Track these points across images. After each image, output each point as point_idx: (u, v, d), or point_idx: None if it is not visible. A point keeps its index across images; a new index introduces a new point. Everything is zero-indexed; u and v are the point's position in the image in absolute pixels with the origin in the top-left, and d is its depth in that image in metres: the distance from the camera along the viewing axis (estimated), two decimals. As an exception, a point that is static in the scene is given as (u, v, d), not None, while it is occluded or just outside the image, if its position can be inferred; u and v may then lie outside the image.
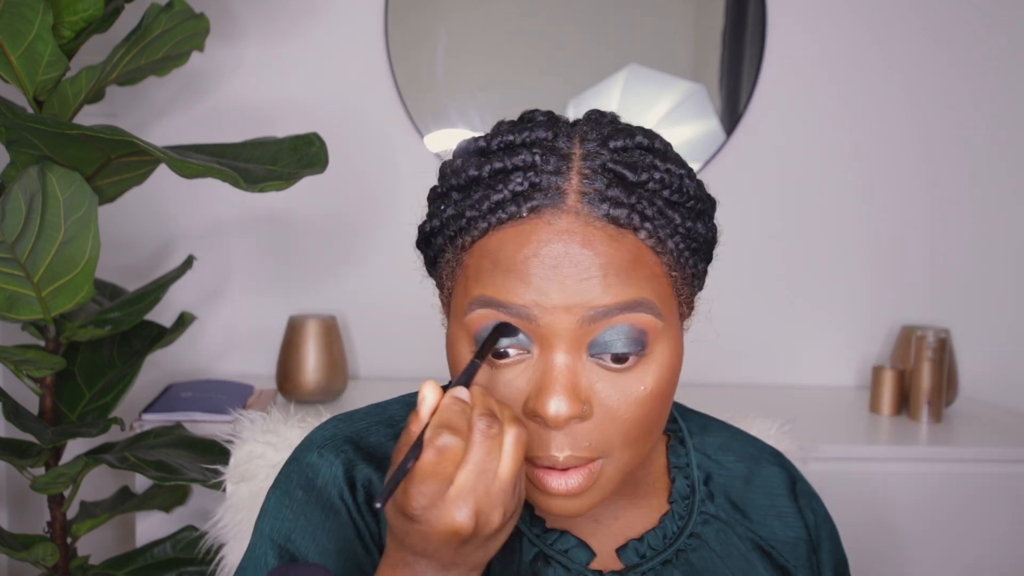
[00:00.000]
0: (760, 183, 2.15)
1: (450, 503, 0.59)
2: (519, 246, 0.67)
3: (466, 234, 0.70)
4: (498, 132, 0.73)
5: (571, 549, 0.77)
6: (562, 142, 0.70)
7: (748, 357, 2.18)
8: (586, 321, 0.66)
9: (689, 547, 0.79)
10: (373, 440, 0.78)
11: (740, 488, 0.85)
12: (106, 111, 1.93)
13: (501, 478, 0.60)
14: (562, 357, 0.67)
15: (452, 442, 0.59)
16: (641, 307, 0.67)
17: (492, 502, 0.60)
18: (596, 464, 0.68)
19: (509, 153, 0.70)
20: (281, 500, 0.75)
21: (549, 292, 0.66)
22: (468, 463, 0.59)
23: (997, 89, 2.18)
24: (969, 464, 1.76)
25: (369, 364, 2.11)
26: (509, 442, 0.60)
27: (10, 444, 1.49)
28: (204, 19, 1.49)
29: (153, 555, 1.61)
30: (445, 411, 0.60)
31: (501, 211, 0.68)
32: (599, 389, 0.68)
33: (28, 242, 1.29)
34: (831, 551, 0.88)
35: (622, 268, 0.67)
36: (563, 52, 2.10)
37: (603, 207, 0.68)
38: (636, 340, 0.67)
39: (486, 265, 0.68)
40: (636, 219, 0.68)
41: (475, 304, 0.68)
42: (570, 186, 0.68)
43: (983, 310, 2.21)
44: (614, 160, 0.69)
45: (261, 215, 2.06)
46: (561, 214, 0.67)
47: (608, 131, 0.72)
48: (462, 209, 0.70)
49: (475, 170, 0.70)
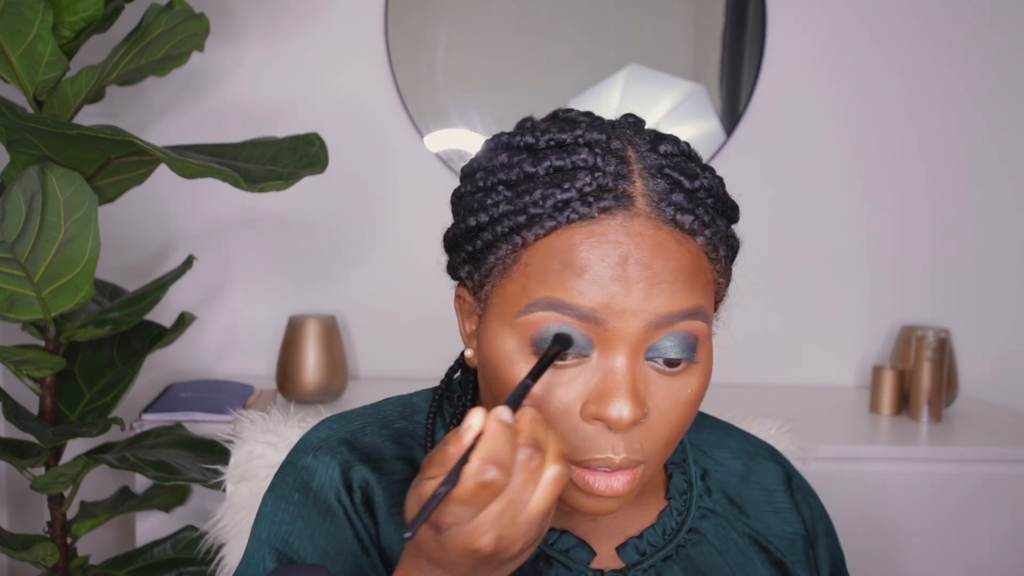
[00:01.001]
0: (760, 183, 2.15)
1: (476, 526, 0.58)
2: (591, 246, 0.66)
3: (527, 230, 0.68)
4: (543, 130, 0.71)
5: (572, 549, 0.77)
6: (615, 143, 0.70)
7: (748, 357, 2.18)
8: (651, 327, 0.66)
9: (688, 542, 0.80)
10: (368, 441, 0.77)
11: (737, 484, 0.86)
12: (106, 111, 1.93)
13: (531, 511, 0.59)
14: (623, 361, 0.67)
15: (497, 477, 0.57)
16: (699, 315, 0.68)
17: (516, 532, 0.59)
18: (640, 468, 0.69)
19: (567, 152, 0.69)
20: (277, 504, 0.75)
21: (619, 296, 0.66)
22: (503, 494, 0.58)
23: (997, 89, 2.18)
24: (969, 464, 1.76)
25: (369, 364, 2.11)
26: (548, 478, 0.59)
27: (10, 444, 1.49)
28: (204, 19, 1.49)
29: (153, 555, 1.61)
30: (495, 442, 0.57)
31: (571, 210, 0.67)
32: (653, 392, 0.68)
33: (28, 242, 1.29)
34: (827, 546, 0.88)
35: (689, 275, 0.68)
36: (563, 52, 2.10)
37: (669, 211, 0.68)
38: (690, 346, 0.68)
39: (553, 265, 0.67)
40: (697, 224, 0.69)
41: (536, 306, 0.67)
42: (635, 189, 0.68)
43: (983, 310, 2.21)
44: (670, 166, 0.69)
45: (261, 215, 2.06)
46: (633, 216, 0.67)
47: (652, 136, 0.72)
48: (521, 205, 0.68)
49: (530, 166, 0.69)
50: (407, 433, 0.80)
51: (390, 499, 0.75)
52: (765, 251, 2.16)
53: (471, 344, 0.76)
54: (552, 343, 0.66)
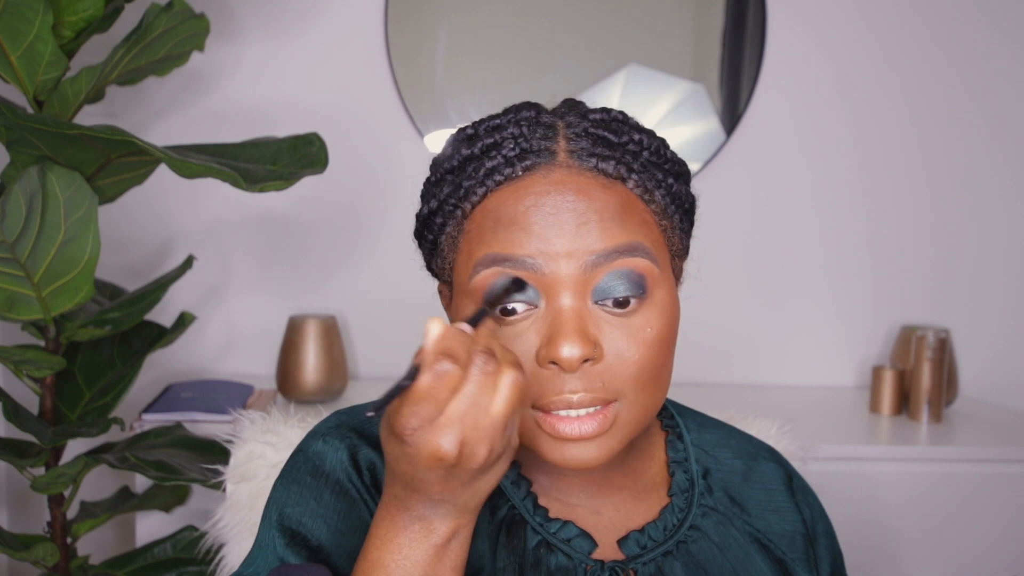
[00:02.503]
0: (760, 183, 2.15)
1: (438, 428, 0.60)
2: (518, 200, 0.71)
3: (465, 202, 0.74)
4: (482, 120, 0.77)
5: (573, 539, 0.78)
6: (545, 117, 0.76)
7: (748, 357, 2.18)
8: (588, 267, 0.70)
9: (689, 539, 0.81)
10: (376, 431, 0.79)
11: (738, 484, 0.86)
12: (106, 111, 1.93)
13: (492, 415, 0.61)
14: (568, 301, 0.70)
15: (450, 368, 0.59)
16: (638, 252, 0.71)
17: (479, 436, 0.60)
18: (611, 408, 0.71)
19: (498, 130, 0.75)
20: (288, 487, 0.77)
21: (551, 239, 0.70)
22: (461, 393, 0.60)
23: (997, 89, 2.18)
24: (969, 464, 1.76)
25: (369, 364, 2.12)
26: (505, 383, 0.61)
27: (10, 444, 1.49)
28: (204, 19, 1.49)
29: (153, 555, 1.61)
30: (447, 339, 0.61)
31: (497, 174, 0.73)
32: (607, 332, 0.70)
33: (28, 242, 1.29)
34: (827, 546, 0.89)
35: (616, 213, 0.71)
36: (563, 52, 2.10)
37: (591, 160, 0.73)
38: (636, 283, 0.71)
39: (488, 224, 0.72)
40: (623, 169, 0.73)
41: (480, 264, 0.71)
42: (559, 147, 0.74)
43: (983, 310, 2.21)
44: (595, 125, 0.75)
45: (261, 215, 2.06)
46: (554, 168, 0.73)
47: (585, 108, 0.78)
48: (458, 182, 0.75)
49: (466, 150, 0.75)
50: None
51: None
52: (765, 251, 2.16)
53: None
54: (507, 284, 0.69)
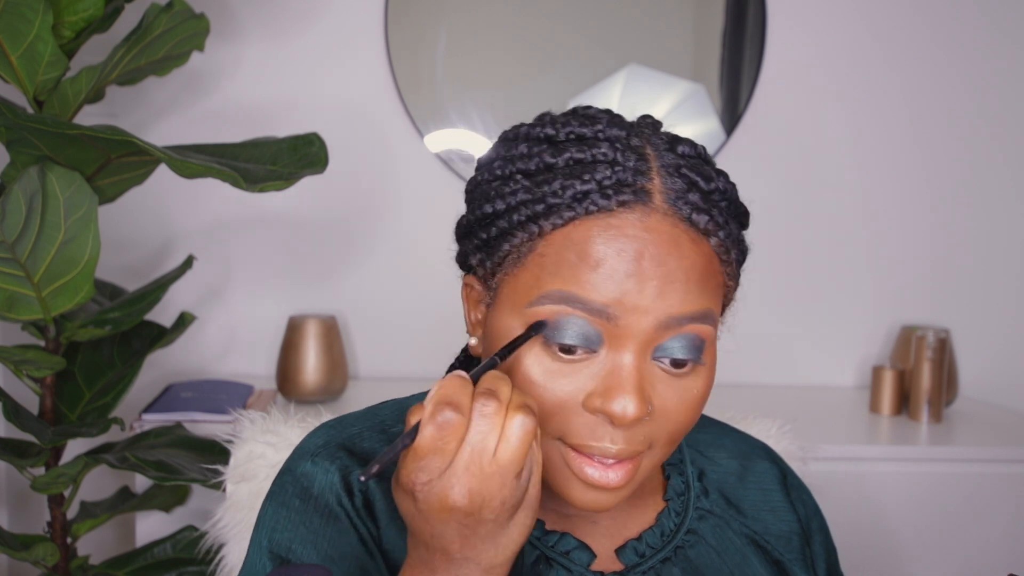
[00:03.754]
0: (760, 183, 2.15)
1: (445, 479, 0.59)
2: (608, 240, 0.66)
3: (544, 219, 0.68)
4: (563, 123, 0.72)
5: (572, 551, 0.76)
6: (635, 141, 0.70)
7: (748, 357, 2.18)
8: (660, 327, 0.66)
9: (687, 543, 0.80)
10: (366, 446, 0.77)
11: (734, 484, 0.86)
12: (106, 111, 1.93)
13: (499, 461, 0.59)
14: (631, 358, 0.67)
15: (452, 417, 0.58)
16: (708, 318, 0.68)
17: (489, 485, 0.59)
18: (638, 460, 0.69)
19: (587, 145, 0.69)
20: (278, 511, 0.74)
21: (633, 293, 0.66)
22: (465, 441, 0.59)
23: (997, 89, 2.18)
24: (969, 464, 1.76)
25: (369, 364, 2.12)
26: (513, 428, 0.59)
27: (10, 444, 1.49)
28: (204, 19, 1.49)
29: (153, 555, 1.61)
30: (445, 387, 0.60)
31: (590, 201, 0.67)
32: (659, 390, 0.68)
33: (28, 242, 1.29)
34: (822, 542, 0.89)
35: (700, 276, 0.68)
36: (563, 52, 2.10)
37: (686, 210, 0.68)
38: (697, 348, 0.68)
39: (570, 257, 0.67)
40: (712, 225, 0.69)
41: (547, 298, 0.67)
42: (654, 186, 0.68)
43: (983, 310, 2.21)
44: (688, 166, 0.70)
45: (261, 215, 2.06)
46: (650, 212, 0.67)
47: (670, 136, 0.72)
48: (539, 194, 0.68)
49: (550, 157, 0.69)
50: None
51: (390, 504, 0.74)
52: (765, 251, 2.16)
53: (475, 333, 0.76)
54: (529, 328, 0.67)
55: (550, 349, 0.67)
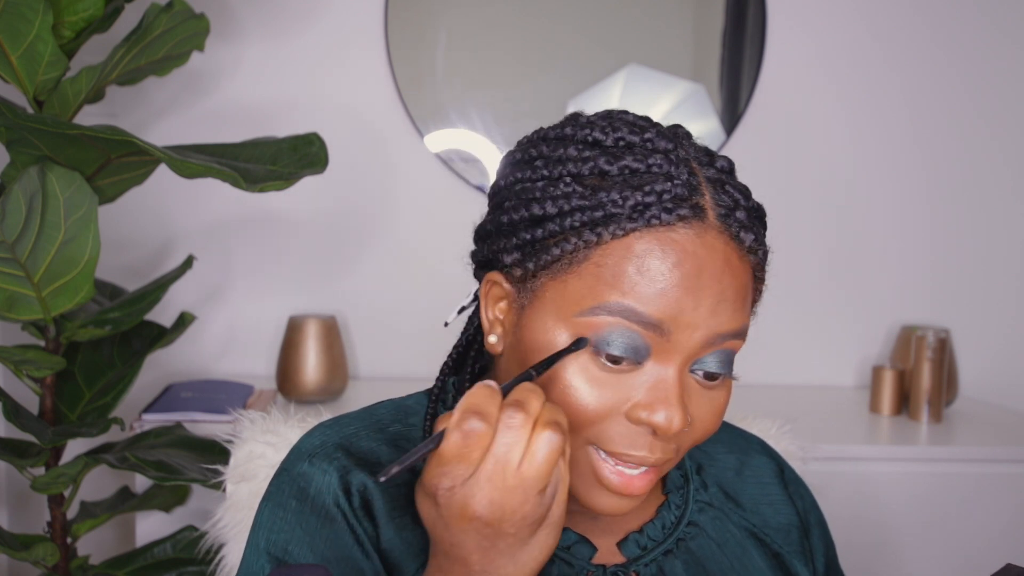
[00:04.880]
0: (760, 183, 2.13)
1: (468, 487, 0.59)
2: (666, 254, 0.66)
3: (603, 228, 0.67)
4: (613, 127, 0.71)
5: (573, 545, 0.77)
6: (682, 153, 0.70)
7: (748, 357, 2.16)
8: (707, 342, 0.68)
9: (688, 536, 0.81)
10: (364, 446, 0.76)
11: (732, 478, 0.87)
12: (106, 111, 1.93)
13: (522, 475, 0.59)
14: (675, 371, 0.68)
15: (478, 427, 0.59)
16: (743, 335, 0.70)
17: (511, 498, 0.59)
18: (661, 470, 0.71)
19: (638, 154, 0.69)
20: (274, 512, 0.74)
21: (688, 310, 0.66)
22: (490, 451, 0.59)
23: (997, 89, 2.18)
24: (969, 464, 1.76)
25: (369, 364, 2.12)
26: (540, 444, 0.60)
27: (10, 444, 1.49)
28: (204, 19, 1.49)
29: (153, 555, 1.61)
30: (473, 396, 0.60)
31: (651, 215, 0.67)
32: (694, 402, 0.70)
33: (28, 242, 1.29)
34: (820, 536, 0.89)
35: (744, 294, 0.69)
36: (563, 52, 2.10)
37: (734, 228, 0.69)
38: (729, 363, 0.70)
39: (629, 270, 0.66)
40: (756, 244, 0.70)
41: (603, 309, 0.67)
42: (706, 202, 0.68)
43: (983, 310, 2.21)
44: (729, 183, 0.70)
45: (261, 215, 2.06)
46: (707, 229, 0.68)
47: (704, 150, 0.73)
48: (597, 201, 0.68)
49: (605, 164, 0.69)
50: (402, 436, 0.79)
51: (388, 503, 0.74)
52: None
53: (494, 330, 0.75)
54: (570, 344, 0.67)
55: (597, 358, 0.67)
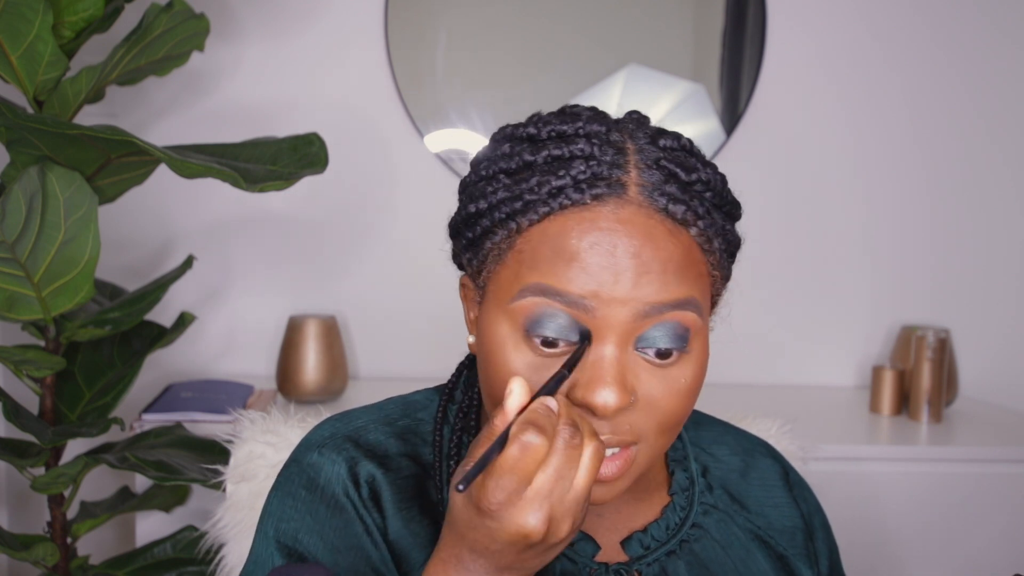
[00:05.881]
0: (760, 183, 2.15)
1: (526, 503, 0.59)
2: (582, 233, 0.67)
3: (522, 216, 0.69)
4: (546, 121, 0.73)
5: (576, 543, 0.77)
6: (615, 135, 0.71)
7: (748, 357, 2.18)
8: (639, 316, 0.67)
9: (692, 537, 0.81)
10: (372, 438, 0.78)
11: (736, 480, 0.87)
12: (106, 111, 1.93)
13: (576, 489, 0.61)
14: (612, 349, 0.67)
15: (537, 441, 0.59)
16: (689, 306, 0.68)
17: (565, 511, 0.60)
18: (632, 451, 0.70)
19: (565, 141, 0.70)
20: (284, 501, 0.75)
21: (608, 284, 0.66)
22: (548, 467, 0.60)
23: (997, 89, 2.18)
24: (969, 464, 1.76)
25: (369, 364, 2.12)
26: (587, 455, 0.61)
27: (10, 444, 1.49)
28: (204, 19, 1.49)
29: (153, 555, 1.61)
30: (533, 411, 0.61)
31: (564, 196, 0.68)
32: (643, 380, 0.68)
33: (28, 242, 1.29)
34: (824, 539, 0.89)
35: (679, 266, 0.68)
36: (563, 52, 2.10)
37: (662, 200, 0.69)
38: (681, 337, 0.68)
39: (545, 252, 0.68)
40: (691, 216, 0.69)
41: (528, 291, 0.68)
42: (630, 178, 0.69)
43: (983, 310, 2.21)
44: (667, 158, 0.70)
45: (261, 215, 2.06)
46: (624, 204, 0.68)
47: (654, 130, 0.73)
48: (518, 192, 0.70)
49: (529, 155, 0.71)
50: (410, 430, 0.80)
51: (396, 494, 0.75)
52: (765, 251, 2.16)
53: (472, 331, 0.77)
54: (581, 337, 0.68)
55: (532, 343, 0.68)
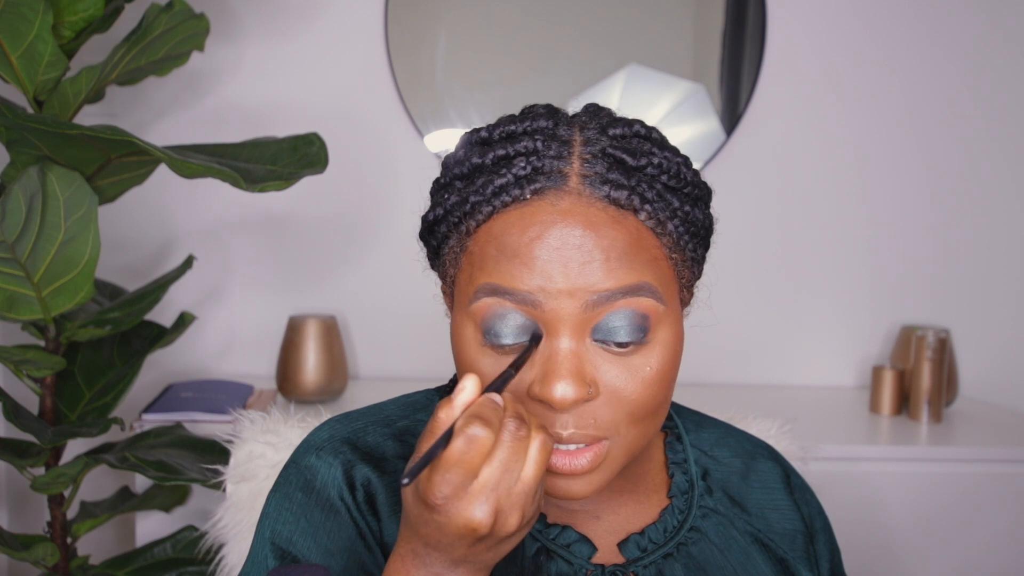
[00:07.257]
0: (760, 183, 2.15)
1: (472, 497, 0.59)
2: (523, 228, 0.68)
3: (470, 219, 0.70)
4: (500, 123, 0.74)
5: (573, 544, 0.77)
6: (562, 130, 0.72)
7: (748, 357, 2.18)
8: (589, 306, 0.67)
9: (690, 540, 0.80)
10: (371, 440, 0.78)
11: (737, 483, 0.86)
12: (106, 111, 1.93)
13: (524, 481, 0.60)
14: (566, 342, 0.67)
15: (482, 434, 0.59)
16: (643, 291, 0.68)
17: (512, 503, 0.60)
18: (603, 444, 0.69)
19: (511, 141, 0.71)
20: (281, 503, 0.76)
21: (553, 276, 0.66)
22: (494, 460, 0.59)
23: (997, 89, 2.18)
24: (969, 464, 1.76)
25: (369, 364, 2.12)
26: (535, 448, 0.61)
27: (10, 444, 1.49)
28: (204, 19, 1.49)
29: (153, 555, 1.61)
30: (479, 405, 0.61)
31: (505, 194, 0.69)
32: (604, 370, 0.68)
33: (28, 242, 1.29)
34: (826, 542, 0.89)
35: (624, 251, 0.68)
36: (563, 52, 2.10)
37: (604, 188, 0.69)
38: (638, 326, 0.68)
39: (491, 251, 0.69)
40: (636, 200, 0.69)
41: (480, 292, 0.69)
42: (571, 169, 0.69)
43: (983, 310, 2.21)
44: (613, 146, 0.71)
45: (261, 215, 2.06)
46: (563, 195, 0.68)
47: (607, 120, 0.73)
48: (466, 195, 0.71)
49: (478, 158, 0.71)
50: (409, 431, 0.80)
51: (392, 497, 0.75)
52: (765, 251, 2.16)
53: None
54: (531, 338, 0.68)
55: (489, 343, 0.69)
